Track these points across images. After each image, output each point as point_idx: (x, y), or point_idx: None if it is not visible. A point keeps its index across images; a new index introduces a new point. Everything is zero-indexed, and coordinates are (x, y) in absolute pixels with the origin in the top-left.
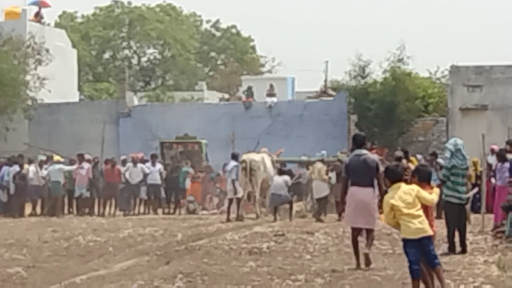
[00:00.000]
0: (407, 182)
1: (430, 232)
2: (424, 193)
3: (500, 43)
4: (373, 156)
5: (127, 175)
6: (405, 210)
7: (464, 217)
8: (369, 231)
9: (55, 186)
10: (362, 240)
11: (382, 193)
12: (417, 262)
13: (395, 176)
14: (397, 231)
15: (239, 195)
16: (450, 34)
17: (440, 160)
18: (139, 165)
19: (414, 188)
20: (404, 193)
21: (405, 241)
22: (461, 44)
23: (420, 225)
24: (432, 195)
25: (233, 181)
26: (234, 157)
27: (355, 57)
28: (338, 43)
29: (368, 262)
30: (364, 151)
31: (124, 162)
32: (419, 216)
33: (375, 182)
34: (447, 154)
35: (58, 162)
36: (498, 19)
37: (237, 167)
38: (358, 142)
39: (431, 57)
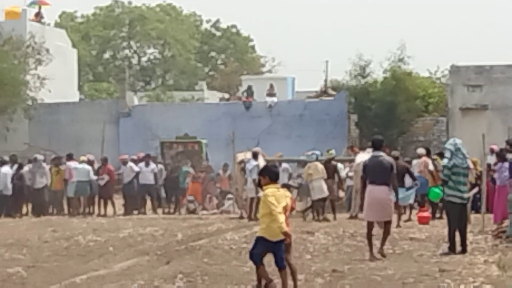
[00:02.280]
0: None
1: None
2: (278, 209)
3: (500, 43)
4: (388, 158)
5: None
6: (276, 211)
7: (465, 217)
8: (386, 224)
9: (82, 185)
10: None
11: (396, 191)
12: (259, 256)
13: (272, 175)
14: (397, 230)
15: (260, 194)
16: (450, 34)
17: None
18: (129, 164)
19: (288, 194)
20: (280, 196)
21: (262, 239)
22: (461, 44)
23: (281, 229)
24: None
25: (254, 180)
26: (255, 156)
27: (355, 57)
28: (339, 43)
29: (383, 256)
30: (381, 153)
31: (125, 163)
32: (283, 220)
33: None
34: (447, 154)
35: (84, 162)
36: (498, 19)
37: (258, 167)
38: (376, 145)
39: (431, 57)
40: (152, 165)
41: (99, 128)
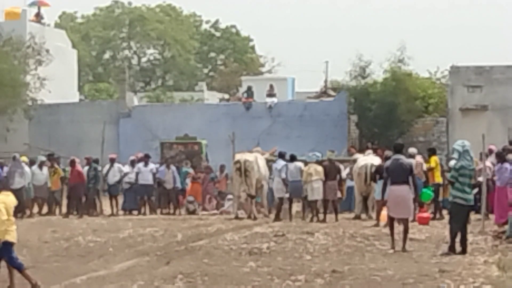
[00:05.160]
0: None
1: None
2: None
3: (500, 43)
4: (408, 160)
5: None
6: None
7: (468, 217)
8: (405, 221)
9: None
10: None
11: (416, 188)
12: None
13: None
14: (397, 231)
15: (287, 195)
16: (450, 34)
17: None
18: (116, 165)
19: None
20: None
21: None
22: (461, 45)
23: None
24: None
25: (283, 180)
26: (282, 156)
27: (355, 58)
28: (339, 43)
29: (404, 250)
30: (401, 156)
31: (132, 163)
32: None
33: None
34: (455, 155)
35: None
36: (498, 20)
37: (286, 166)
38: (397, 149)
39: (431, 57)
40: (151, 165)
41: (99, 128)
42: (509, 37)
